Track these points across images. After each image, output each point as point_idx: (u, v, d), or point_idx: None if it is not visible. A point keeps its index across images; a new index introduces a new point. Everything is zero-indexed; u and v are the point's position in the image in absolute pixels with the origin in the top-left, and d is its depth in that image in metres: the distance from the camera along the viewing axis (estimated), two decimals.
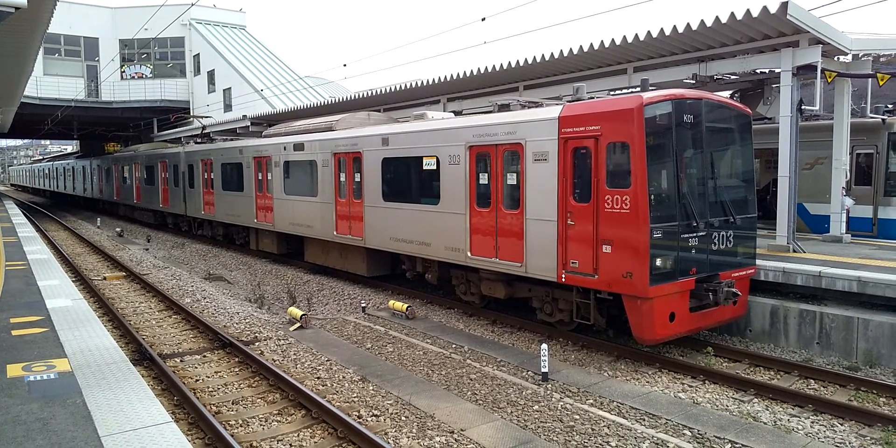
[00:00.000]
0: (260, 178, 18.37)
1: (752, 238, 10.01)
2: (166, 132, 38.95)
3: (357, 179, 14.13)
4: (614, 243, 8.61)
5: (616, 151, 8.63)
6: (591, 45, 12.75)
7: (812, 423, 7.17)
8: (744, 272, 9.75)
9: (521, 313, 11.74)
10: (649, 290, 8.35)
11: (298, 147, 16.23)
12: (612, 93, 13.42)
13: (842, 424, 7.14)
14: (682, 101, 8.94)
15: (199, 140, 25.51)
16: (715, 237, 9.24)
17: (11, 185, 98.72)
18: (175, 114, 39.06)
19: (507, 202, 10.39)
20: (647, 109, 8.40)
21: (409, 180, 12.76)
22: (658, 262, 8.47)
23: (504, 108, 11.05)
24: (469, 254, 11.16)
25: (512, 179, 10.27)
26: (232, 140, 22.91)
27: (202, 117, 28.85)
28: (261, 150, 18.23)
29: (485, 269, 11.19)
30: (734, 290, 9.07)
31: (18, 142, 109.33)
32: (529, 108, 10.61)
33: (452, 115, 13.80)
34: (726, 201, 9.51)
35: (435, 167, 11.81)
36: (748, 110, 10.20)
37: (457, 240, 11.40)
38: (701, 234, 9.00)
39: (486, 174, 10.75)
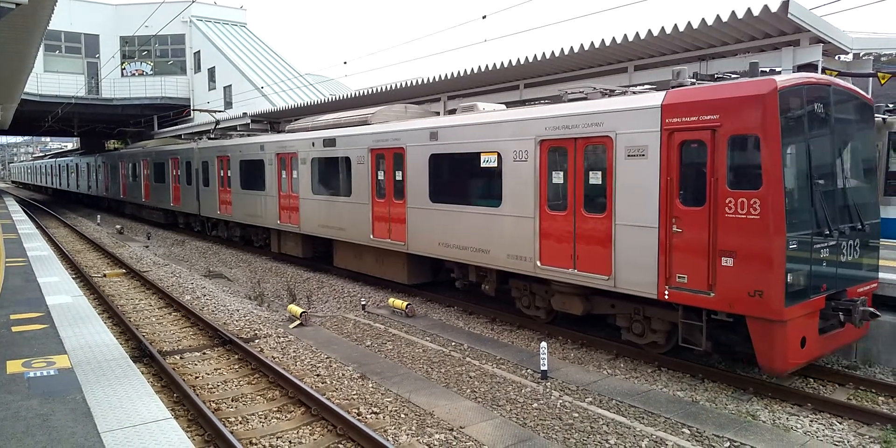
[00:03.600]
0: (284, 176, 17.14)
1: (876, 247, 8.75)
2: (168, 129, 38.95)
3: (398, 178, 12.87)
4: (738, 255, 7.33)
5: (741, 146, 7.38)
6: (592, 43, 12.75)
7: (811, 421, 7.17)
8: (868, 287, 8.51)
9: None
10: (784, 312, 7.11)
11: (329, 143, 15.00)
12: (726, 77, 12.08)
13: (840, 423, 7.14)
14: (815, 87, 7.78)
15: (212, 136, 24.44)
16: (843, 247, 8.01)
17: (12, 182, 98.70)
18: (175, 111, 39.10)
19: (588, 205, 9.09)
20: (782, 96, 7.16)
21: (463, 179, 11.44)
22: (792, 278, 7.21)
23: (575, 98, 9.71)
24: (538, 263, 9.83)
25: (596, 178, 8.95)
26: (251, 135, 21.84)
27: (215, 111, 27.69)
28: (285, 146, 16.89)
29: (558, 281, 9.87)
30: (871, 309, 7.83)
31: (18, 138, 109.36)
32: (610, 95, 9.34)
33: (504, 106, 12.45)
34: (854, 204, 8.23)
35: (495, 164, 10.54)
36: (870, 99, 9.12)
37: (523, 247, 10.09)
38: (831, 243, 7.79)
39: (562, 172, 9.44)
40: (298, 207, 16.54)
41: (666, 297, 8.09)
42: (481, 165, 10.86)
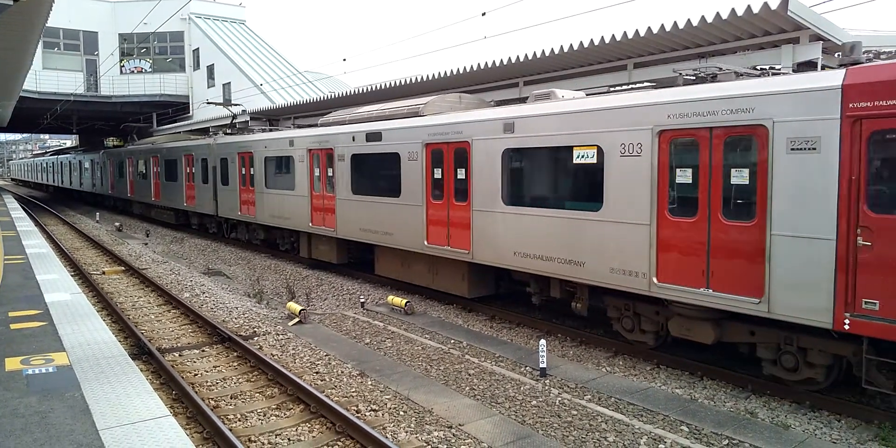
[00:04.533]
0: (318, 174, 15.63)
1: None
2: (168, 126, 38.91)
3: (460, 176, 11.36)
4: None
5: None
6: (592, 41, 12.73)
7: (810, 419, 7.18)
8: None
9: (520, 309, 11.76)
10: None
11: (373, 137, 13.45)
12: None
13: (839, 421, 7.16)
14: None
15: (228, 131, 23.16)
16: None
17: (12, 179, 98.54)
18: (174, 108, 39.00)
19: (729, 210, 7.54)
20: None
21: (550, 178, 10.03)
22: None
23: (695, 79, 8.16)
24: (655, 280, 8.22)
25: (740, 177, 7.48)
26: (274, 130, 20.54)
27: (232, 105, 26.37)
28: (319, 140, 15.38)
29: (680, 302, 8.22)
30: None
31: (17, 136, 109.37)
32: (747, 76, 7.94)
33: (583, 94, 10.70)
34: None
35: (594, 160, 9.00)
36: None
37: (632, 260, 8.48)
38: None
39: (690, 170, 7.89)
40: (335, 209, 15.03)
41: (846, 327, 6.59)
42: (574, 162, 9.34)
